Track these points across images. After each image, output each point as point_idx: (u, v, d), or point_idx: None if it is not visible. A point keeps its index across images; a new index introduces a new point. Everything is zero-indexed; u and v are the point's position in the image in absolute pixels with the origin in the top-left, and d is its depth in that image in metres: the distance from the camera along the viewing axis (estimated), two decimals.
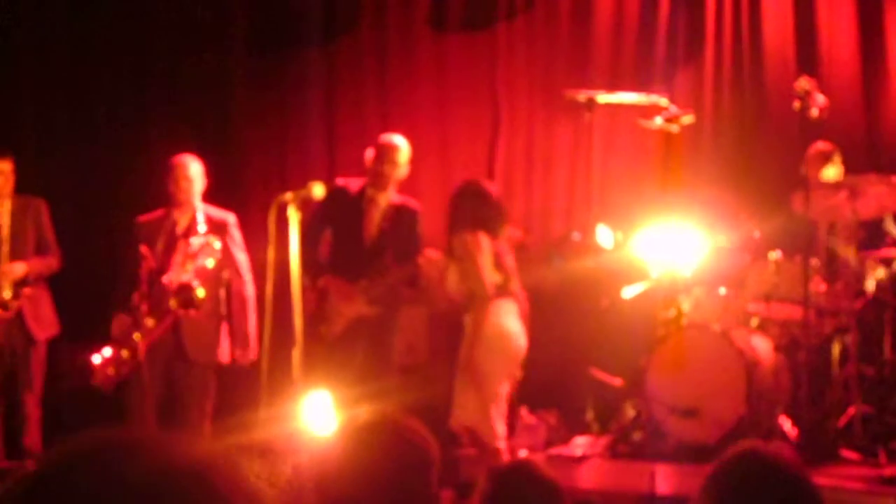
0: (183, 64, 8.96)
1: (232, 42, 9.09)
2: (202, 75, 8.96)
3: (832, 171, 7.18)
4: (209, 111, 9.00)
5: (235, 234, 7.04)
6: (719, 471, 2.73)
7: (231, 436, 6.32)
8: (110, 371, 6.62)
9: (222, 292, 6.93)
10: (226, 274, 6.89)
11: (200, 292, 6.62)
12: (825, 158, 7.19)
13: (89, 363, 6.59)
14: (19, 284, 7.17)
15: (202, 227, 6.79)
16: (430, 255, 6.95)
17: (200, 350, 6.84)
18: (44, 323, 7.32)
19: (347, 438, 3.13)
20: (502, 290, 6.43)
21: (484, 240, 6.41)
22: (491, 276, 6.38)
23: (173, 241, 6.82)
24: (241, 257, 7.01)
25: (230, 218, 7.05)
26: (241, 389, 7.33)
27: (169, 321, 6.66)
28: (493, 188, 6.87)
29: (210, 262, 6.47)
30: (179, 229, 6.90)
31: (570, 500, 3.12)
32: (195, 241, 6.58)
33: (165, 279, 6.63)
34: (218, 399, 7.28)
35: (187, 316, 6.66)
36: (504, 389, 6.45)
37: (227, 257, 6.84)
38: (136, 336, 6.62)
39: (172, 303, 6.53)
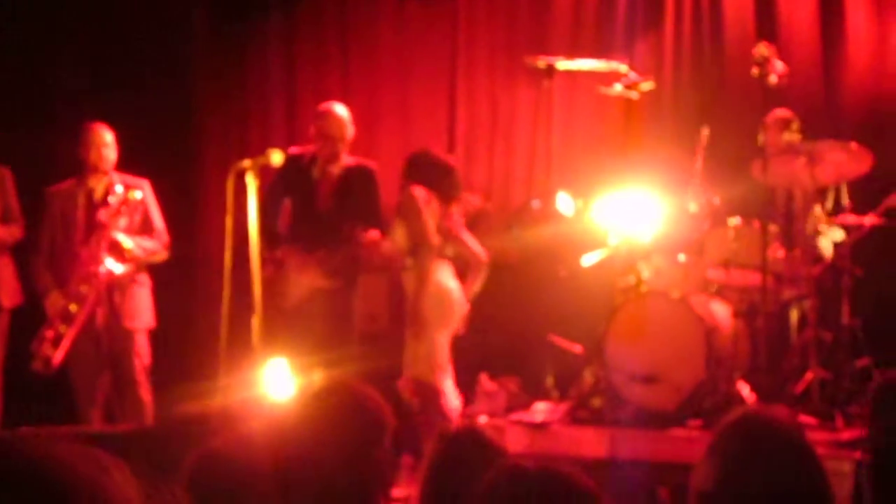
0: (141, 30, 8.87)
1: (191, 7, 9.02)
2: (161, 41, 8.88)
3: (789, 138, 7.21)
4: (168, 77, 8.93)
5: (151, 199, 7.08)
6: (722, 435, 2.73)
7: (189, 403, 6.33)
8: (50, 352, 6.65)
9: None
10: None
11: (127, 243, 6.71)
12: (784, 125, 7.22)
13: (31, 348, 6.66)
14: None
15: (119, 188, 6.82)
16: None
17: (128, 314, 6.92)
18: (7, 291, 7.28)
19: (301, 404, 3.14)
20: (440, 254, 6.60)
21: (431, 199, 6.56)
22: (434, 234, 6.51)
23: (93, 209, 6.86)
24: (159, 222, 7.08)
25: (145, 184, 7.08)
26: (200, 357, 7.34)
27: (102, 285, 6.72)
28: (449, 158, 7.04)
29: (135, 218, 6.80)
30: (97, 196, 6.94)
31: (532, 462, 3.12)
32: (113, 199, 6.68)
33: (94, 243, 6.70)
34: (176, 365, 7.31)
35: (117, 280, 6.75)
36: (444, 340, 6.61)
37: (145, 223, 6.95)
38: (73, 307, 6.68)
39: (104, 264, 6.63)
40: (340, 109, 6.98)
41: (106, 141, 7.01)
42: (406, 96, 8.83)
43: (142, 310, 7.10)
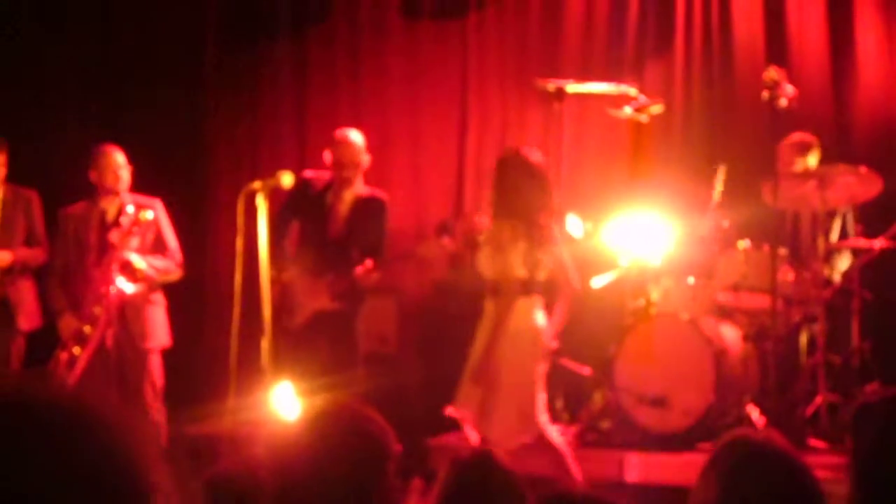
0: (154, 54, 8.93)
1: (203, 32, 9.07)
2: (173, 65, 8.93)
3: (811, 161, 7.21)
4: (180, 101, 8.98)
5: (164, 218, 7.12)
6: (716, 459, 2.74)
7: (200, 424, 6.36)
8: (64, 374, 6.68)
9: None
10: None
11: (139, 263, 6.74)
12: (803, 149, 7.21)
13: (45, 371, 6.68)
14: (4, 273, 7.17)
15: (131, 208, 6.85)
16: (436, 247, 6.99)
17: (139, 334, 6.94)
18: (26, 314, 7.30)
19: (306, 428, 3.13)
20: (527, 287, 5.90)
21: (520, 233, 5.87)
22: (519, 272, 5.86)
23: (105, 230, 6.89)
24: (173, 241, 7.11)
25: (157, 204, 7.11)
26: (210, 378, 7.35)
27: (114, 306, 6.75)
28: (541, 161, 6.18)
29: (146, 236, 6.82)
30: (109, 218, 6.97)
31: (531, 489, 3.12)
32: (125, 220, 6.71)
33: (105, 264, 6.73)
34: (186, 386, 7.32)
35: (129, 300, 6.77)
36: (534, 384, 5.87)
37: (158, 242, 6.98)
38: (86, 329, 6.71)
39: (114, 285, 6.66)
40: (356, 137, 7.00)
41: (119, 163, 7.04)
42: (416, 120, 8.85)
43: (156, 329, 7.10)
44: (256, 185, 5.66)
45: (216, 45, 9.07)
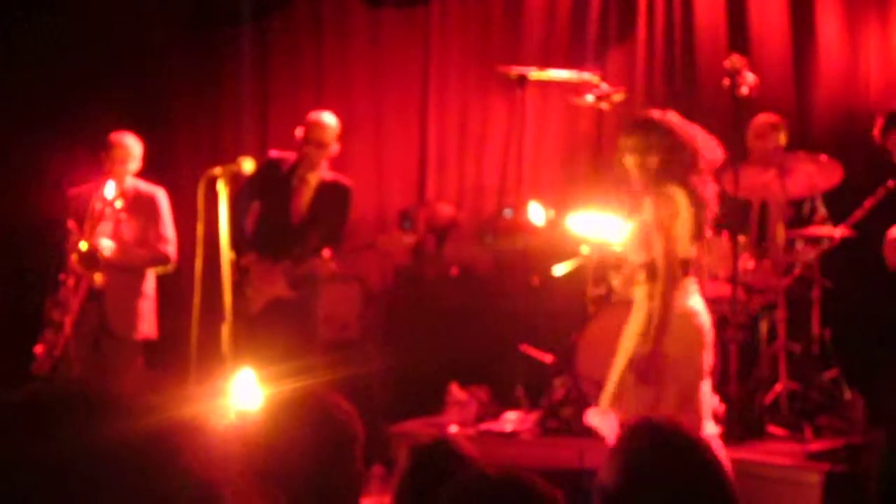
0: (113, 38, 8.85)
1: (164, 15, 9.00)
2: (135, 49, 8.86)
3: (782, 140, 7.24)
4: (142, 84, 8.91)
5: (164, 208, 7.06)
6: (621, 445, 2.77)
7: (160, 411, 6.30)
8: (47, 355, 6.64)
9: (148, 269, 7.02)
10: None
11: (105, 250, 6.68)
12: (771, 129, 7.23)
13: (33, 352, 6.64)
14: None
15: (109, 193, 6.78)
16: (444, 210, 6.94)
17: (123, 324, 6.88)
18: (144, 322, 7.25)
19: (271, 413, 3.12)
20: (686, 266, 5.33)
21: (683, 200, 5.23)
22: (684, 250, 5.28)
23: (98, 213, 6.85)
24: (168, 232, 7.04)
25: (159, 192, 7.06)
26: (170, 364, 7.30)
27: (82, 291, 6.69)
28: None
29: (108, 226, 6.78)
30: (102, 202, 6.92)
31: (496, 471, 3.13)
32: (97, 204, 6.66)
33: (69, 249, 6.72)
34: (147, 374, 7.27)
35: (104, 286, 6.72)
36: (703, 379, 5.36)
37: (152, 230, 6.92)
38: (59, 315, 6.66)
39: (76, 267, 6.59)
40: (331, 119, 6.98)
41: (128, 156, 7.00)
42: (379, 107, 8.84)
43: (139, 321, 7.02)
44: (217, 170, 5.61)
45: (178, 29, 9.01)
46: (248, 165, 5.85)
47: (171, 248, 7.10)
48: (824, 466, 5.83)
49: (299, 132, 6.98)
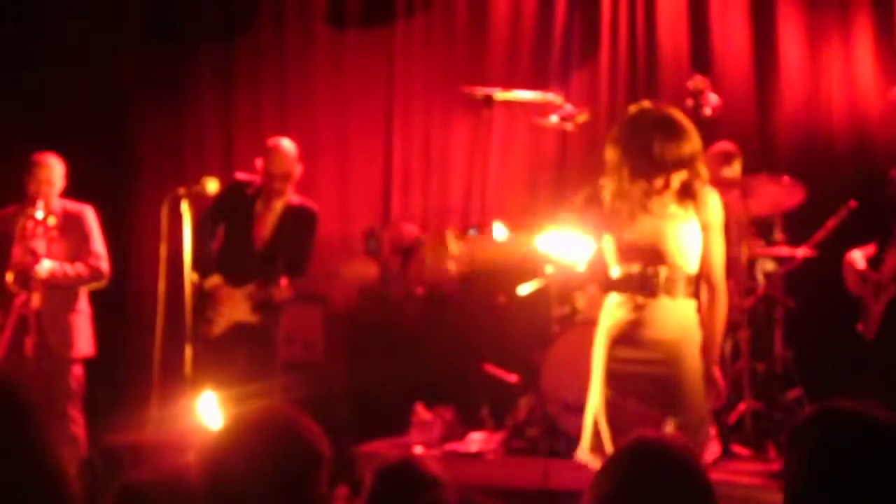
0: (77, 57, 8.81)
1: (128, 36, 8.98)
2: (97, 69, 8.83)
3: (735, 170, 7.26)
4: (105, 105, 8.88)
5: (93, 224, 7.04)
6: (612, 461, 2.76)
7: (121, 433, 6.27)
8: None
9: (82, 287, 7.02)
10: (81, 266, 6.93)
11: (42, 270, 6.65)
12: (726, 159, 7.26)
13: None
14: None
15: (40, 213, 6.76)
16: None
17: (60, 343, 6.86)
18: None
19: (236, 433, 3.10)
20: None
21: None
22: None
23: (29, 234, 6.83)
24: (99, 248, 7.03)
25: (86, 209, 7.05)
26: (132, 386, 7.26)
27: (16, 311, 6.67)
28: None
29: (42, 245, 6.72)
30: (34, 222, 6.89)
31: (457, 496, 3.11)
32: (30, 224, 6.64)
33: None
34: (108, 395, 7.22)
35: (37, 304, 6.69)
36: None
37: (83, 248, 6.91)
38: None
39: (13, 287, 6.57)
40: (288, 146, 6.94)
41: (52, 176, 6.95)
42: (343, 128, 8.83)
43: (76, 339, 7.00)
44: (181, 191, 5.60)
45: (141, 49, 8.98)
46: (212, 186, 5.84)
47: (104, 264, 7.08)
48: None
49: (259, 163, 6.94)
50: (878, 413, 2.59)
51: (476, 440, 7.11)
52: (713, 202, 4.73)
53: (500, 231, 7.48)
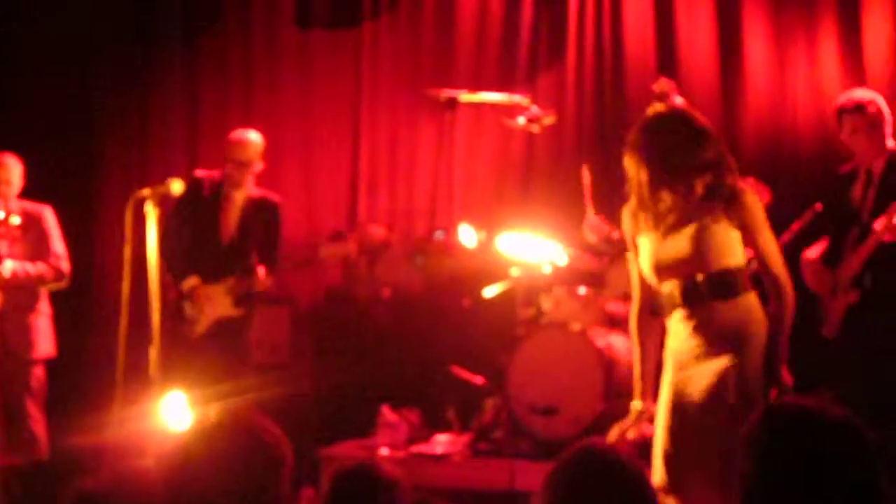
0: (41, 58, 8.77)
1: (92, 35, 8.93)
2: (61, 69, 8.79)
3: None
4: (69, 106, 8.83)
5: (52, 224, 7.02)
6: (558, 468, 2.78)
7: (84, 435, 6.24)
8: None
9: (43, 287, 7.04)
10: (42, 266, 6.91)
11: (5, 270, 6.64)
12: None
13: None
14: None
15: (1, 213, 6.74)
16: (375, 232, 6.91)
17: (21, 344, 6.84)
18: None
19: (198, 437, 3.09)
20: None
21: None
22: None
23: None
24: (59, 248, 7.01)
25: (45, 210, 7.04)
26: (96, 388, 7.23)
27: None
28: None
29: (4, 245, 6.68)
30: None
31: (414, 498, 3.12)
32: None
33: None
34: (71, 396, 7.19)
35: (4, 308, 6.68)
36: None
37: (43, 248, 6.89)
38: None
39: None
40: (254, 137, 6.99)
41: (10, 177, 6.93)
42: (309, 130, 8.81)
43: (37, 339, 6.98)
44: (145, 192, 5.57)
45: (106, 49, 8.94)
46: (176, 187, 5.82)
47: (64, 264, 7.07)
48: None
49: (226, 152, 6.98)
50: (826, 408, 2.60)
51: (442, 442, 7.11)
52: (747, 201, 4.52)
53: (466, 233, 7.49)
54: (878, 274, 6.17)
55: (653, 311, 4.73)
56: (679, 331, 4.56)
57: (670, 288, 4.55)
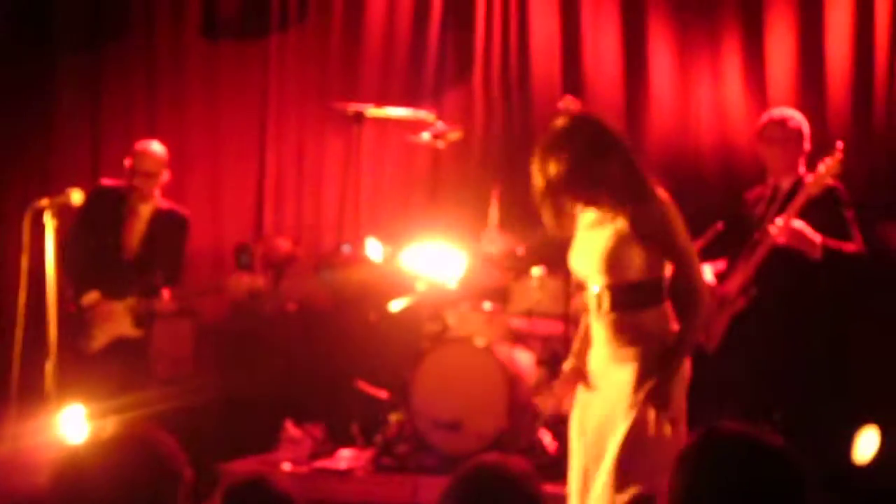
0: None
1: None
2: None
3: None
4: None
5: None
6: (453, 485, 2.78)
7: None
8: None
9: None
10: None
11: None
12: None
13: None
14: None
15: None
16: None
17: None
18: None
19: (91, 448, 3.04)
20: None
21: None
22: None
23: None
24: None
25: None
26: None
27: None
28: None
29: None
30: None
31: None
32: None
33: None
34: None
35: None
36: None
37: None
38: None
39: None
40: (157, 147, 6.92)
41: None
42: (215, 141, 8.74)
43: None
44: (44, 202, 5.50)
45: (8, 54, 8.78)
46: (76, 197, 5.74)
47: None
48: None
49: (127, 163, 6.89)
50: (763, 435, 2.61)
51: (345, 457, 7.09)
52: (647, 211, 4.47)
53: (373, 247, 7.48)
54: (768, 280, 6.22)
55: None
56: (594, 335, 4.61)
57: (587, 290, 4.61)
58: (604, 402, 4.52)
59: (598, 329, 4.57)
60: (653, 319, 4.49)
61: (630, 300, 4.47)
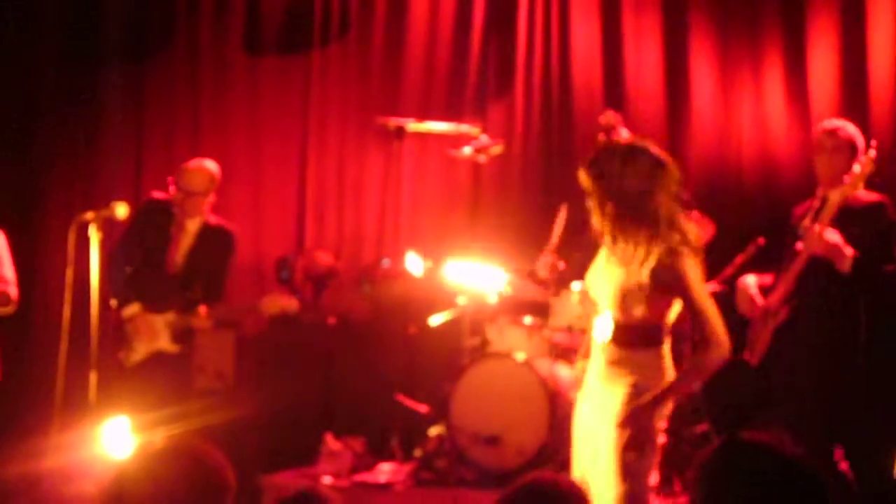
0: None
1: (39, 55, 8.85)
2: (6, 88, 8.70)
3: None
4: (12, 124, 8.73)
5: (2, 249, 6.91)
6: (505, 498, 2.78)
7: (22, 461, 6.16)
8: None
9: None
10: None
11: None
12: None
13: None
14: None
15: None
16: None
17: None
18: None
19: (142, 462, 3.06)
20: None
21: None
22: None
23: None
24: (9, 273, 6.89)
25: None
26: (34, 413, 7.13)
27: None
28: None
29: None
30: None
31: None
32: None
33: None
34: (8, 422, 7.09)
35: None
36: None
37: None
38: None
39: None
40: (211, 165, 6.84)
41: None
42: (257, 156, 8.77)
43: None
44: (89, 215, 5.53)
45: (53, 68, 8.85)
46: (121, 211, 5.77)
47: (13, 289, 6.91)
48: None
49: (172, 179, 6.87)
50: (783, 445, 2.61)
51: (385, 471, 7.09)
52: (678, 266, 4.47)
53: (413, 261, 7.49)
54: (808, 289, 6.15)
55: None
56: (593, 352, 4.68)
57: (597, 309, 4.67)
58: (593, 415, 4.62)
59: (598, 350, 4.64)
60: (649, 358, 4.54)
61: (630, 338, 4.53)
